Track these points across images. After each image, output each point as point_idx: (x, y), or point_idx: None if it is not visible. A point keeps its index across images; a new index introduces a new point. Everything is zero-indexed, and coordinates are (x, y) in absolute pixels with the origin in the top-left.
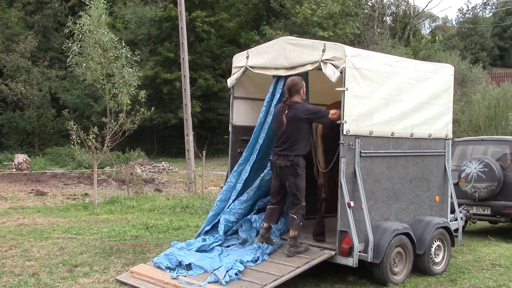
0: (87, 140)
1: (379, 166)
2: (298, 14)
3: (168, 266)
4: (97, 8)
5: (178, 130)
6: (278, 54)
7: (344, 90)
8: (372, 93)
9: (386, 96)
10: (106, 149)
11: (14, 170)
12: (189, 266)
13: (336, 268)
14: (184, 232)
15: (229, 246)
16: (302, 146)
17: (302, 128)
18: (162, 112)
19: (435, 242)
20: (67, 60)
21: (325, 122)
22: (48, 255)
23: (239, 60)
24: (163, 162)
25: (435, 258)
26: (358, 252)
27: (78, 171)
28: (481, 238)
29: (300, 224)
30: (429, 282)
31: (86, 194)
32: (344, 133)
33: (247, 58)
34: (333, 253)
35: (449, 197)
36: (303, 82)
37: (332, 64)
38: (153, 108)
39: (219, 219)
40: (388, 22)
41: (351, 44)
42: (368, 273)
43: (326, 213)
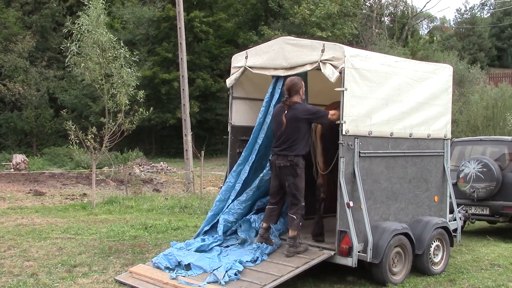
0: (86, 140)
1: (378, 166)
2: (296, 15)
3: (167, 266)
4: (95, 8)
5: (176, 130)
6: (277, 54)
7: (343, 90)
8: (371, 93)
9: (385, 96)
10: (104, 149)
11: (12, 170)
12: (188, 266)
13: (335, 268)
14: (183, 232)
15: (228, 246)
16: (302, 146)
17: (302, 128)
18: (160, 112)
19: (434, 242)
20: (66, 60)
21: (324, 123)
22: (47, 255)
23: (238, 60)
24: (161, 162)
25: (434, 258)
26: (357, 252)
27: (76, 171)
28: (479, 238)
29: (299, 224)
30: (428, 282)
31: (85, 194)
32: (343, 133)
33: (246, 58)
34: (332, 253)
35: (448, 197)
36: (302, 82)
37: (331, 64)
38: (151, 108)
39: (218, 219)
40: (386, 23)
41: (349, 44)
42: (367, 273)
43: (325, 213)
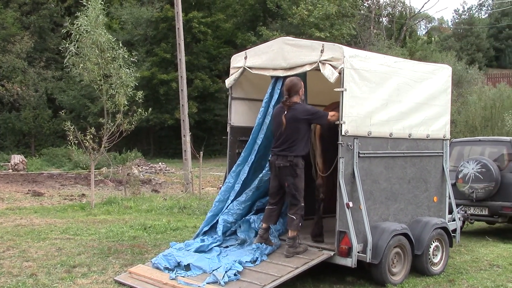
0: (84, 140)
1: (378, 167)
2: (294, 15)
3: (166, 266)
4: (94, 8)
5: (175, 131)
6: (276, 55)
7: (342, 91)
8: (370, 93)
9: (385, 96)
10: (103, 149)
11: (11, 170)
12: (187, 267)
13: (334, 268)
14: (182, 232)
15: (227, 247)
16: (301, 146)
17: (301, 128)
18: (158, 113)
19: (433, 242)
20: (64, 60)
21: (323, 123)
22: (46, 256)
23: (237, 60)
24: (160, 163)
25: (433, 258)
26: (357, 252)
27: (74, 172)
28: (478, 238)
29: (299, 224)
30: (427, 283)
31: (83, 195)
32: (342, 133)
33: (245, 58)
34: (332, 253)
35: (447, 197)
36: (302, 83)
37: (330, 64)
38: (150, 109)
39: (218, 220)
40: (384, 23)
41: (348, 45)
42: (366, 273)
43: (325, 213)
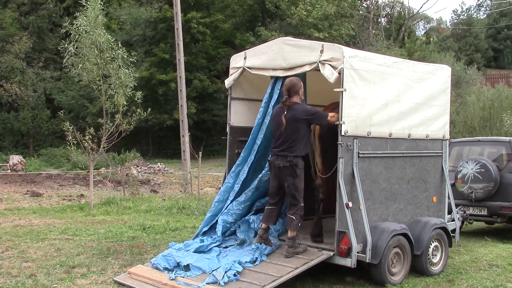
0: (83, 141)
1: (377, 167)
2: (293, 15)
3: (166, 267)
4: (93, 9)
5: (174, 131)
6: (276, 55)
7: (342, 91)
8: (370, 94)
9: (384, 97)
10: (102, 150)
11: (9, 171)
12: (187, 267)
13: (334, 268)
14: (181, 233)
15: (227, 247)
16: (301, 147)
17: (301, 129)
18: (157, 113)
19: (433, 242)
20: (63, 61)
21: (323, 124)
22: (45, 256)
23: (237, 61)
24: (159, 163)
25: (433, 258)
26: (357, 252)
27: (73, 172)
28: (477, 238)
29: (298, 224)
30: (427, 283)
31: (82, 195)
32: (342, 133)
33: (245, 59)
34: (331, 253)
35: (446, 197)
36: (301, 83)
37: (330, 65)
38: (149, 109)
39: (217, 220)
40: (383, 24)
41: (346, 45)
42: (366, 273)
43: (324, 214)
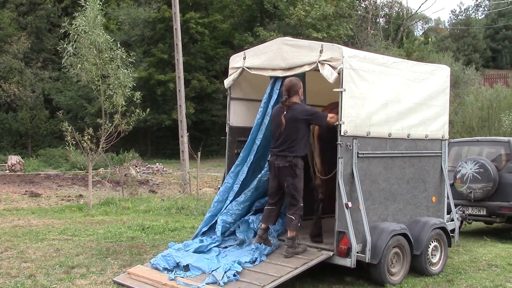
0: (82, 141)
1: (377, 167)
2: (291, 16)
3: (165, 267)
4: (92, 9)
5: (172, 131)
6: (275, 55)
7: (341, 91)
8: (369, 94)
9: (383, 97)
10: (101, 150)
11: (8, 171)
12: (187, 267)
13: (334, 268)
14: (180, 233)
15: (226, 247)
16: (301, 147)
17: (301, 129)
18: (156, 113)
19: (432, 242)
20: (62, 61)
21: (322, 125)
22: (44, 257)
23: (236, 61)
24: (157, 164)
25: (432, 258)
26: (356, 252)
27: (72, 173)
28: (476, 238)
29: (298, 225)
30: (426, 283)
31: (81, 196)
32: (341, 133)
33: (244, 59)
34: (331, 253)
35: (445, 197)
36: (301, 83)
37: (329, 65)
38: (148, 109)
39: (217, 220)
40: (381, 24)
41: (345, 45)
42: (365, 273)
43: (323, 214)
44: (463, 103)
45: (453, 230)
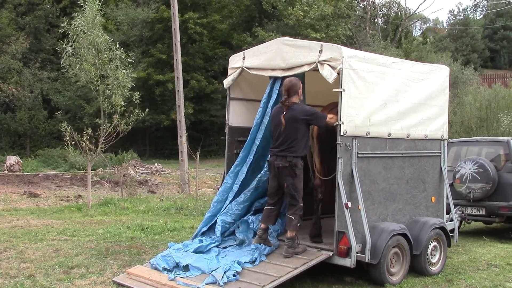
0: (81, 141)
1: (376, 167)
2: (290, 16)
3: (165, 267)
4: (91, 9)
5: (171, 132)
6: (274, 55)
7: (341, 91)
8: (369, 94)
9: (383, 97)
10: (100, 150)
11: (6, 172)
12: (186, 267)
13: (333, 268)
14: (179, 233)
15: (226, 247)
16: (301, 147)
17: (300, 129)
18: (154, 113)
19: (432, 242)
20: (61, 61)
21: (322, 125)
22: (43, 257)
23: (236, 61)
24: (156, 164)
25: (432, 258)
26: (356, 252)
27: (70, 173)
28: (476, 238)
29: (297, 225)
30: (426, 283)
31: (80, 196)
32: (341, 133)
33: (244, 59)
34: (330, 253)
35: (445, 197)
36: (301, 83)
37: (329, 65)
38: (147, 109)
39: (216, 220)
40: (379, 24)
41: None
42: (365, 273)
43: (323, 214)
44: (462, 103)
45: (452, 230)
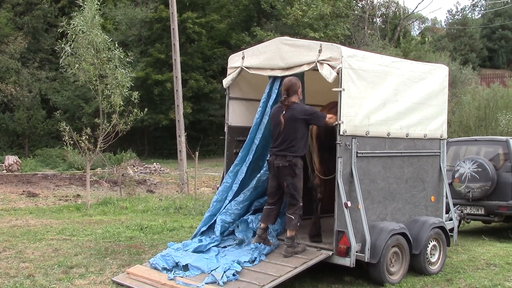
0: (80, 141)
1: (375, 166)
2: (289, 15)
3: (164, 267)
4: (90, 9)
5: (169, 131)
6: (274, 55)
7: (340, 91)
8: (368, 93)
9: (382, 96)
10: (98, 150)
11: (5, 171)
12: (186, 267)
13: (333, 268)
14: (178, 233)
15: (225, 247)
16: (301, 147)
17: (300, 128)
18: (153, 113)
19: (431, 242)
20: (60, 61)
21: (321, 125)
22: (42, 257)
23: (235, 60)
24: (155, 163)
25: (431, 258)
26: (355, 252)
27: (69, 173)
28: (475, 238)
29: (297, 224)
30: (425, 282)
31: (78, 196)
32: (340, 133)
33: (243, 58)
34: (330, 253)
35: (444, 197)
36: (300, 83)
37: (328, 64)
38: (146, 109)
39: (216, 220)
40: (378, 23)
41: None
42: (364, 273)
43: (323, 213)
44: (460, 103)
45: (451, 230)
